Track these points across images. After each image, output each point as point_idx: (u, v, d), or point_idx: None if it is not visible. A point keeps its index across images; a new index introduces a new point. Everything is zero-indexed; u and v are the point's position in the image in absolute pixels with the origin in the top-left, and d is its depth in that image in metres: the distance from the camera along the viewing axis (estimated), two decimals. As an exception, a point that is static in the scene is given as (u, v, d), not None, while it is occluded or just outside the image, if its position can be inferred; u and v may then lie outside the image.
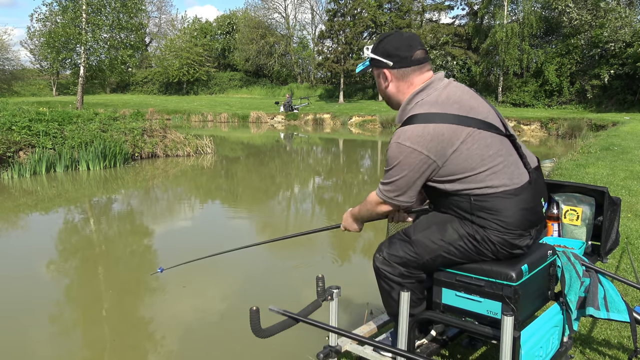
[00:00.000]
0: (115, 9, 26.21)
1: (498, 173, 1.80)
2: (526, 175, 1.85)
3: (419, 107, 1.84)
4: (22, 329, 3.93)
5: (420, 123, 1.79)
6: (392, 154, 1.84)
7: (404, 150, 1.80)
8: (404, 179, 1.84)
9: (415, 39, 1.94)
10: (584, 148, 10.78)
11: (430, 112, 1.80)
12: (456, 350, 2.50)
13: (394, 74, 1.94)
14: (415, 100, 1.88)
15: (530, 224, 1.84)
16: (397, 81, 1.94)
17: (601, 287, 2.08)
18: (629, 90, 24.18)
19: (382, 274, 2.03)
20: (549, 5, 27.89)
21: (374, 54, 1.96)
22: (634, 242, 4.06)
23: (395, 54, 1.91)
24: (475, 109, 1.85)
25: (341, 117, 27.26)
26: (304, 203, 9.22)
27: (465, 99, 1.86)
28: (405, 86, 1.94)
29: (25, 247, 6.26)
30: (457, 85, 1.91)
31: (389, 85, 1.97)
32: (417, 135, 1.77)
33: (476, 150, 1.78)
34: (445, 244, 1.88)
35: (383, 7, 35.73)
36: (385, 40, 1.95)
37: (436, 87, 1.88)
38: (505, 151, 1.84)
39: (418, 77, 1.92)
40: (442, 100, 1.83)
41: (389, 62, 1.92)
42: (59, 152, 11.12)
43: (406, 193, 1.87)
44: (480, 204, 1.80)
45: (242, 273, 5.28)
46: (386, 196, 1.92)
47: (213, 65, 45.91)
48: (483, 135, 1.80)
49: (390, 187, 1.89)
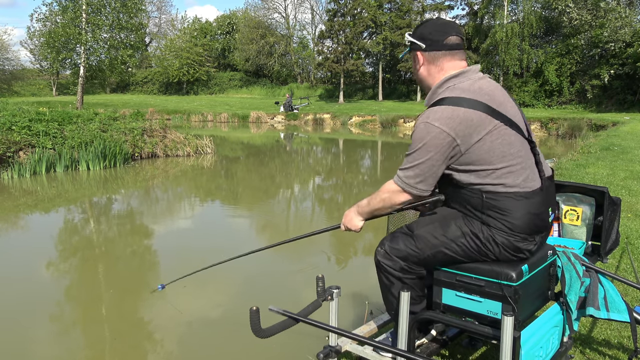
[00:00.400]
0: (115, 9, 26.20)
1: (514, 173, 1.80)
2: (539, 182, 1.86)
3: (449, 91, 1.85)
4: (22, 329, 3.93)
5: (451, 105, 1.79)
6: (418, 134, 1.81)
7: (432, 131, 1.78)
8: (429, 162, 1.80)
9: (452, 26, 1.96)
10: (584, 148, 10.78)
11: (462, 97, 1.80)
12: (456, 350, 2.50)
13: (425, 56, 1.95)
14: (447, 84, 1.89)
15: (536, 229, 1.84)
16: (428, 64, 1.96)
17: (601, 287, 2.08)
18: (629, 90, 24.18)
19: (383, 268, 2.03)
20: (549, 5, 27.89)
21: (412, 37, 1.99)
22: (634, 242, 4.06)
23: (429, 37, 1.94)
24: (505, 105, 1.86)
25: (341, 117, 27.26)
26: (304, 203, 9.22)
27: (497, 94, 1.88)
28: (435, 70, 1.95)
29: (25, 247, 6.26)
30: (490, 81, 1.93)
31: (420, 68, 1.99)
32: (447, 117, 1.77)
33: (499, 145, 1.79)
34: (447, 240, 1.89)
35: (383, 7, 35.70)
36: (423, 25, 1.99)
37: (470, 77, 1.89)
38: (524, 153, 1.85)
39: (449, 63, 1.93)
40: (475, 89, 1.84)
41: (421, 44, 1.95)
42: (59, 152, 11.12)
43: (427, 180, 1.84)
44: (491, 202, 1.80)
45: (242, 273, 5.28)
46: (406, 183, 1.85)
47: (213, 65, 45.92)
48: (508, 132, 1.81)
49: (412, 172, 1.83)
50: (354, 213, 2.10)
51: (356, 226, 2.11)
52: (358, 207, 2.08)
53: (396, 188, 1.89)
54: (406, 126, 25.00)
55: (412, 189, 1.85)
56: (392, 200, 1.92)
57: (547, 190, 1.90)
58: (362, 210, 2.06)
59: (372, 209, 2.02)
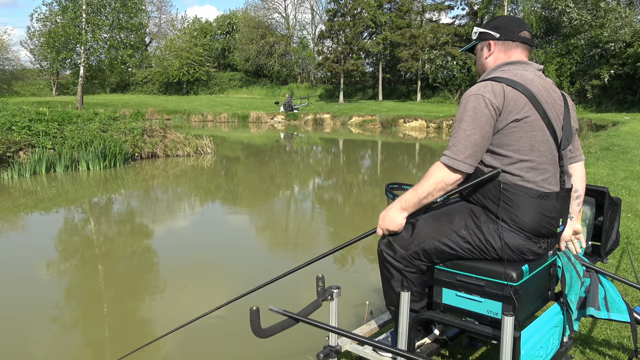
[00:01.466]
0: (115, 9, 26.22)
1: (536, 170, 1.81)
2: (557, 187, 1.86)
3: (503, 73, 1.88)
4: (22, 329, 3.93)
5: (500, 82, 1.81)
6: (468, 105, 1.80)
7: (479, 102, 1.78)
8: (479, 134, 1.78)
9: (525, 23, 2.03)
10: (584, 148, 10.77)
11: (512, 79, 1.82)
12: (456, 350, 2.50)
13: (498, 45, 1.99)
14: (503, 67, 1.93)
15: (543, 231, 1.83)
16: (498, 53, 1.99)
17: (601, 287, 2.08)
18: (629, 90, 24.18)
19: (384, 257, 2.03)
20: (549, 5, 27.89)
21: (484, 28, 2.03)
22: (634, 242, 4.06)
23: (504, 27, 1.98)
24: (550, 105, 1.87)
25: (341, 117, 27.27)
26: (304, 203, 9.22)
27: (549, 92, 1.89)
28: (503, 58, 1.98)
29: (26, 247, 6.26)
30: (546, 79, 1.95)
31: (489, 56, 2.01)
32: (494, 90, 1.79)
33: (531, 137, 1.80)
34: (449, 231, 1.89)
35: (383, 7, 35.71)
36: (498, 18, 2.06)
37: (527, 68, 1.92)
38: (551, 157, 1.85)
39: (518, 55, 1.97)
40: (527, 79, 1.85)
41: (495, 33, 1.98)
42: (59, 152, 11.12)
43: (475, 155, 1.80)
44: (506, 194, 1.80)
45: (242, 273, 5.28)
46: (455, 159, 1.78)
47: (213, 65, 45.92)
48: (543, 130, 1.82)
49: (462, 146, 1.78)
50: (395, 211, 1.95)
51: (399, 225, 1.95)
52: (402, 203, 1.92)
53: (445, 168, 1.81)
54: (406, 126, 24.99)
55: (461, 165, 1.78)
56: (445, 181, 1.81)
57: (563, 199, 1.89)
58: (408, 203, 1.91)
59: (420, 198, 1.87)
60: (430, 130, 23.99)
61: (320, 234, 7.10)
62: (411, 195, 1.89)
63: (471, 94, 1.81)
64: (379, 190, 10.37)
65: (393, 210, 1.95)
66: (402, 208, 1.93)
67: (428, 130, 24.02)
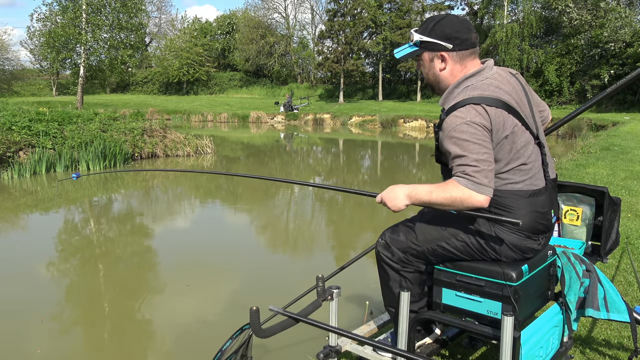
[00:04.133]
0: (115, 9, 26.21)
1: (522, 171, 1.82)
2: (543, 182, 1.88)
3: (470, 90, 1.80)
4: (22, 329, 3.93)
5: (477, 104, 1.75)
6: (463, 134, 1.72)
7: (477, 128, 1.72)
8: (488, 158, 1.72)
9: (470, 23, 1.94)
10: (584, 148, 10.78)
11: (484, 96, 1.77)
12: (456, 350, 2.50)
13: (453, 57, 1.88)
14: (464, 84, 1.85)
15: (540, 227, 1.85)
16: (454, 64, 1.89)
17: (601, 288, 2.07)
18: (629, 90, 24.16)
19: (382, 259, 2.03)
20: (549, 5, 27.88)
21: (430, 37, 1.89)
22: (634, 242, 4.06)
23: (455, 37, 1.86)
24: (522, 104, 1.86)
25: (341, 117, 27.26)
26: (304, 203, 9.22)
27: (516, 91, 1.87)
28: (459, 69, 1.89)
29: (26, 247, 6.26)
30: (505, 75, 1.90)
31: (445, 68, 1.90)
32: (482, 114, 1.74)
33: (517, 145, 1.80)
34: (447, 235, 1.89)
35: (383, 7, 35.70)
36: (443, 23, 1.89)
37: (486, 74, 1.87)
38: (534, 154, 1.86)
39: (472, 62, 1.90)
40: (493, 88, 1.81)
41: (448, 45, 1.86)
42: (59, 152, 11.12)
43: (492, 178, 1.73)
44: (497, 199, 1.79)
45: (242, 273, 5.28)
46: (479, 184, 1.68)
47: (213, 65, 45.90)
48: (524, 132, 1.82)
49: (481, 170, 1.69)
50: (402, 194, 1.85)
51: (398, 207, 1.86)
52: (412, 192, 1.83)
53: (469, 191, 1.69)
54: (406, 126, 24.99)
55: (486, 190, 1.69)
56: (467, 202, 1.71)
57: (551, 191, 1.91)
58: (417, 198, 1.82)
59: (431, 203, 1.79)
60: (430, 130, 23.97)
61: (320, 233, 7.10)
62: (425, 194, 1.79)
63: (460, 123, 1.74)
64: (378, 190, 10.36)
65: (401, 192, 1.86)
66: (409, 196, 1.84)
67: (428, 130, 24.01)
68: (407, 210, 1.92)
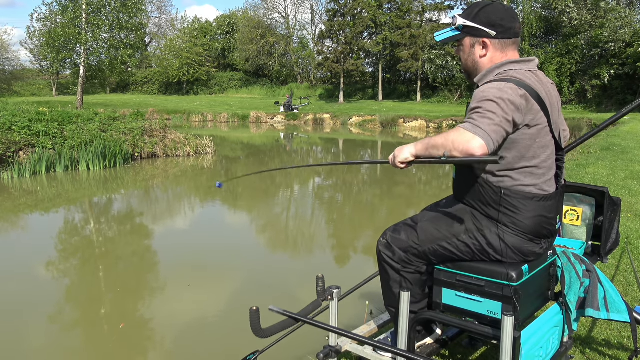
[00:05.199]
0: (115, 9, 26.21)
1: (535, 175, 1.81)
2: (554, 187, 1.88)
3: (516, 73, 1.78)
4: (22, 329, 3.93)
5: (516, 83, 1.72)
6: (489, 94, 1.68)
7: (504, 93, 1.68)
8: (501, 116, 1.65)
9: (515, 12, 1.91)
10: (584, 148, 10.77)
11: (528, 83, 1.75)
12: (456, 350, 2.50)
13: (494, 44, 1.86)
14: (508, 67, 1.82)
15: (545, 232, 1.85)
16: (495, 52, 1.87)
17: (601, 288, 2.07)
18: (629, 90, 24.17)
19: (383, 258, 2.03)
20: (549, 5, 27.89)
21: (474, 22, 1.86)
22: (634, 242, 4.06)
23: (500, 24, 1.83)
24: (553, 107, 1.84)
25: (341, 117, 27.26)
26: (304, 203, 9.22)
27: (551, 94, 1.86)
28: (499, 57, 1.87)
29: (26, 247, 6.26)
30: (546, 77, 1.90)
31: (485, 55, 1.88)
32: (515, 88, 1.70)
33: (536, 145, 1.78)
34: (449, 235, 1.89)
35: (383, 7, 35.70)
36: (488, 10, 1.86)
37: (530, 67, 1.85)
38: (551, 160, 1.86)
39: (513, 52, 1.88)
40: (535, 81, 1.79)
41: (491, 31, 1.84)
42: (59, 152, 11.12)
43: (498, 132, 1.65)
44: (507, 199, 1.79)
45: (242, 273, 5.28)
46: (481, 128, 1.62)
47: (213, 65, 45.90)
48: (547, 134, 1.81)
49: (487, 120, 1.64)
50: (408, 148, 1.84)
51: (404, 157, 1.82)
52: (416, 145, 1.82)
53: (468, 132, 1.63)
54: (406, 126, 24.99)
55: (485, 136, 1.61)
56: (461, 144, 1.63)
57: (560, 197, 1.91)
58: (421, 144, 1.79)
59: (430, 145, 1.75)
60: (430, 130, 23.98)
61: (320, 233, 7.10)
62: (427, 138, 1.79)
63: (491, 88, 1.70)
64: (378, 190, 10.37)
65: (408, 147, 1.84)
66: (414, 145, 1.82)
67: (428, 130, 24.01)
68: (409, 210, 1.92)
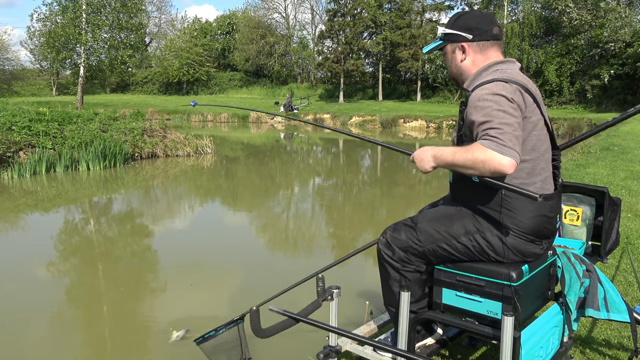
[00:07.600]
0: (115, 9, 26.22)
1: (534, 173, 1.82)
2: (553, 187, 1.88)
3: (500, 73, 1.81)
4: (22, 329, 3.93)
5: (507, 82, 1.73)
6: (493, 104, 1.67)
7: (503, 101, 1.68)
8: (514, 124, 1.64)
9: (493, 17, 1.97)
10: (584, 148, 10.77)
11: (515, 80, 1.76)
12: (456, 350, 2.50)
13: (473, 47, 1.92)
14: (494, 67, 1.86)
15: (545, 232, 1.85)
16: (475, 54, 1.92)
17: (601, 288, 2.07)
18: (629, 90, 24.18)
19: (383, 257, 2.03)
20: (549, 5, 27.88)
21: (452, 29, 1.94)
22: (634, 242, 4.06)
23: (476, 27, 1.90)
24: (542, 104, 1.86)
25: (341, 117, 27.26)
26: (304, 203, 9.22)
27: (537, 91, 1.88)
28: (481, 60, 1.92)
29: (26, 247, 6.26)
30: (531, 81, 1.92)
31: (465, 59, 1.94)
32: (513, 91, 1.72)
33: (533, 137, 1.79)
34: (449, 237, 1.89)
35: (383, 7, 35.70)
36: (465, 16, 1.95)
37: (513, 67, 1.88)
38: (548, 156, 1.87)
39: (495, 53, 1.92)
40: (522, 78, 1.81)
41: (468, 35, 1.90)
42: (59, 152, 11.12)
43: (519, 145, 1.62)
44: (508, 199, 1.79)
45: (242, 273, 5.28)
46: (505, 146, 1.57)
47: (213, 65, 45.89)
48: (543, 129, 1.83)
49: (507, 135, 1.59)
50: (429, 154, 1.83)
51: (425, 169, 1.85)
52: (438, 152, 1.80)
53: (496, 153, 1.57)
54: (406, 126, 24.99)
55: (512, 153, 1.57)
56: (493, 166, 1.58)
57: (558, 196, 1.91)
58: (442, 159, 1.78)
59: (455, 164, 1.72)
60: (430, 130, 23.98)
61: (320, 233, 7.10)
62: (449, 155, 1.74)
63: (486, 93, 1.71)
64: (378, 190, 10.37)
65: (428, 153, 1.84)
66: (435, 157, 1.81)
67: (428, 130, 24.02)
68: (409, 210, 1.92)
